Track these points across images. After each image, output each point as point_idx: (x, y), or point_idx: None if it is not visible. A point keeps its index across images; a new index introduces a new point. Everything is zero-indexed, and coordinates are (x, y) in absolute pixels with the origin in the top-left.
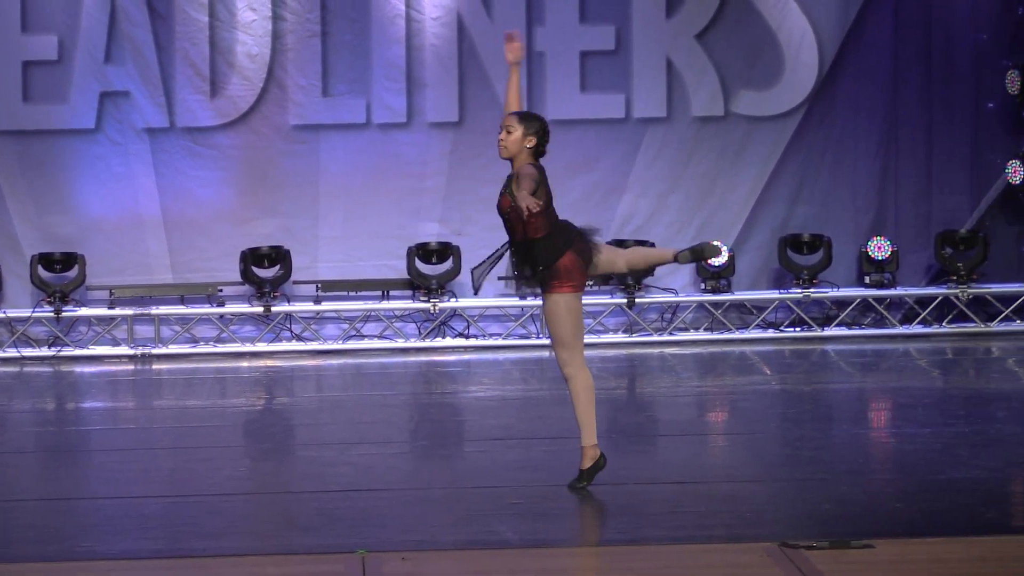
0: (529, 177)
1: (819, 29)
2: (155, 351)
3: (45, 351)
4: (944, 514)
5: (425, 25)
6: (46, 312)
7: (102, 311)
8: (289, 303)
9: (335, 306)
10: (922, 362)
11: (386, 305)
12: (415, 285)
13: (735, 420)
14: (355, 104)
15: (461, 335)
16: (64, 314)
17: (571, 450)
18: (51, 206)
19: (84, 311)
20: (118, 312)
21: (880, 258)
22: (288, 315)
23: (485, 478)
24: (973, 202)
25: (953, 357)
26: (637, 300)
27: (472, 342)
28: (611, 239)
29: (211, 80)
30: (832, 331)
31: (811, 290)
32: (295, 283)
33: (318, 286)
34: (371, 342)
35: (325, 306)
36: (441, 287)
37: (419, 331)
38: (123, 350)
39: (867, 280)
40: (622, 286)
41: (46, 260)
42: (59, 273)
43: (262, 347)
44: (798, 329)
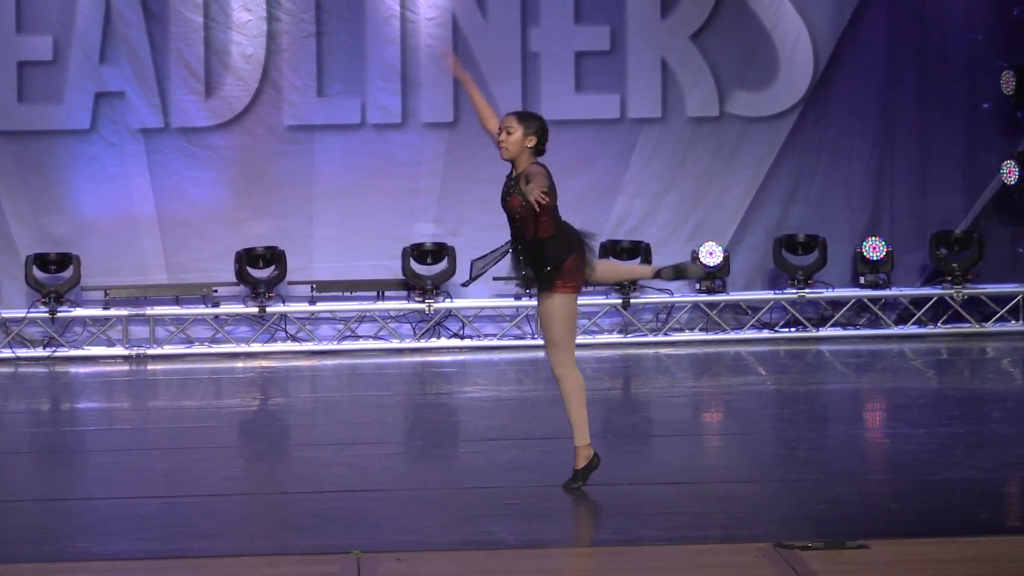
0: (540, 175)
1: (814, 29)
2: (150, 352)
3: (40, 352)
4: (939, 514)
5: (420, 25)
6: (41, 313)
7: (97, 312)
8: (284, 304)
9: (330, 307)
10: (917, 363)
11: (381, 306)
12: (410, 286)
13: (730, 420)
14: (350, 104)
15: (456, 335)
16: (59, 315)
17: (566, 450)
18: (46, 206)
19: (79, 312)
20: (113, 313)
21: (875, 258)
22: (283, 316)
23: (480, 479)
24: (968, 202)
25: (948, 358)
26: (632, 300)
27: (467, 343)
28: (606, 240)
29: (206, 80)
30: (827, 331)
31: (806, 290)
32: (290, 283)
33: (313, 287)
34: (366, 343)
35: (320, 307)
36: (436, 288)
37: (414, 332)
38: (118, 351)
39: (862, 280)
40: (617, 287)
41: (41, 260)
42: (54, 274)
43: (257, 348)
44: (793, 329)
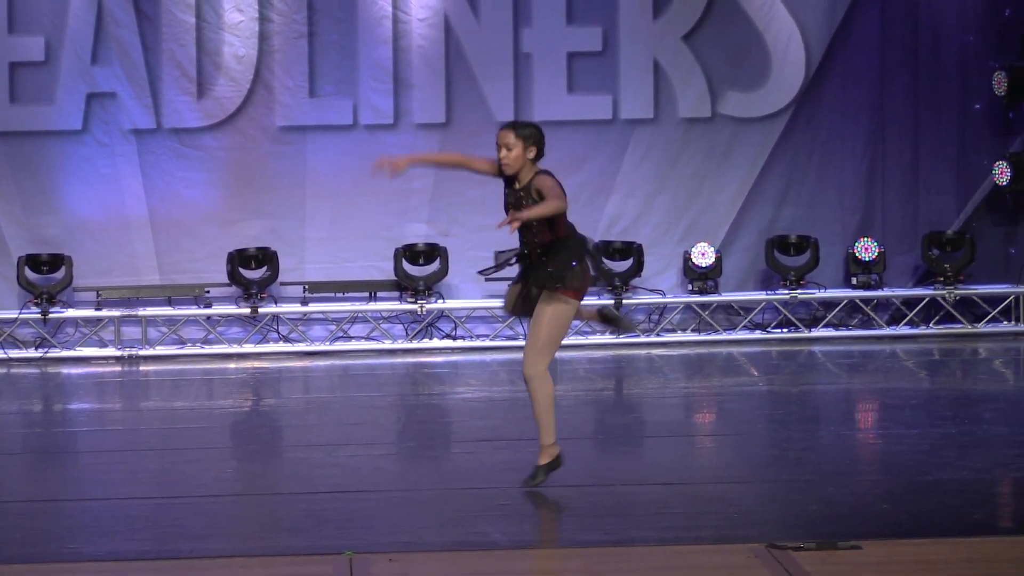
0: (552, 188)
1: (806, 30)
2: (142, 352)
3: (32, 353)
4: (931, 515)
5: (412, 26)
6: (33, 314)
7: (89, 312)
8: (276, 304)
9: (322, 307)
10: (909, 363)
11: (373, 306)
12: (402, 286)
13: (722, 421)
14: (342, 105)
15: (448, 336)
16: (51, 316)
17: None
18: (38, 207)
19: (71, 312)
20: (105, 313)
21: (867, 259)
22: (275, 316)
23: (472, 479)
24: (960, 203)
25: (940, 358)
26: (624, 301)
27: (459, 343)
28: (598, 240)
29: (198, 81)
30: (819, 332)
31: (798, 291)
32: (282, 284)
33: (305, 287)
34: (358, 343)
35: (312, 307)
36: (428, 288)
37: (406, 332)
38: (110, 352)
39: (854, 281)
40: (609, 287)
41: (33, 261)
42: (46, 274)
43: (249, 348)
44: (785, 330)
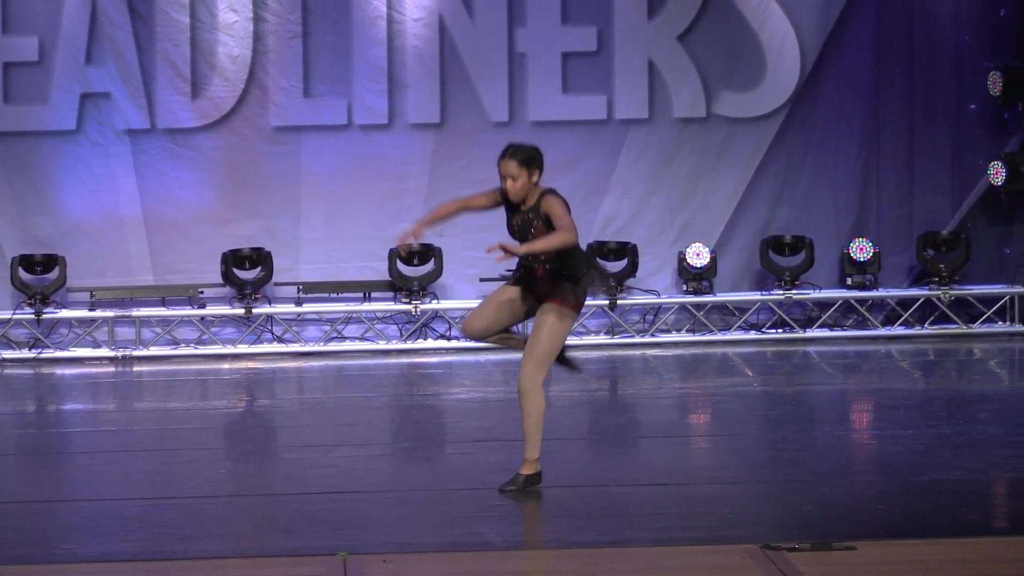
0: (563, 218)
1: (801, 30)
2: (136, 353)
3: (26, 353)
4: (926, 515)
5: (406, 26)
6: (27, 314)
7: (83, 313)
8: (270, 305)
9: (316, 308)
10: (904, 364)
11: (368, 307)
12: (397, 287)
13: (717, 422)
14: (336, 105)
15: (443, 337)
16: (45, 316)
17: (552, 451)
18: (32, 207)
19: (65, 313)
20: (99, 314)
21: (862, 259)
22: (269, 317)
23: (467, 480)
24: (955, 203)
25: (935, 359)
26: (619, 302)
27: (454, 344)
28: (593, 241)
29: (192, 81)
30: (814, 332)
31: (793, 292)
32: (276, 285)
33: (299, 288)
34: (353, 344)
35: (306, 308)
36: (423, 289)
37: (401, 333)
38: (104, 352)
39: (849, 282)
40: (604, 288)
41: (27, 262)
42: (40, 275)
43: (243, 349)
44: (780, 331)
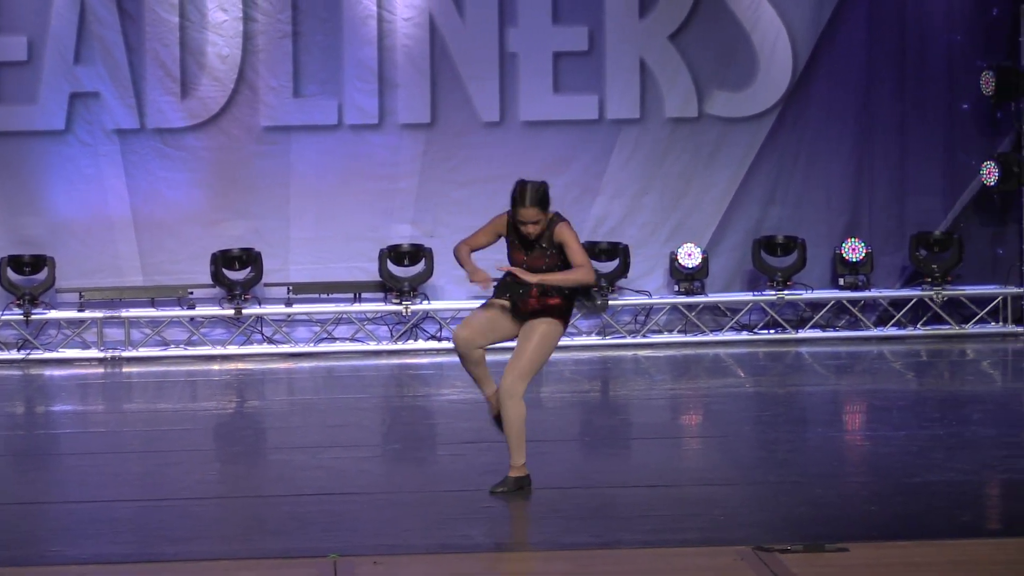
0: (580, 254)
1: (793, 30)
2: (125, 354)
3: (14, 354)
4: (919, 517)
5: (397, 25)
6: (15, 315)
7: (72, 314)
8: (260, 305)
9: (306, 308)
10: (896, 364)
11: (358, 307)
12: (387, 287)
13: (709, 423)
14: (326, 105)
15: (433, 337)
16: (33, 317)
17: (542, 453)
18: (20, 208)
19: (53, 314)
20: (88, 315)
21: (854, 260)
22: (259, 318)
23: (457, 482)
24: (947, 203)
25: (928, 359)
26: (610, 302)
27: (444, 344)
28: (585, 241)
29: (181, 81)
30: (806, 333)
31: (785, 292)
32: (266, 285)
33: (289, 288)
34: (343, 345)
35: (296, 308)
36: (413, 289)
37: (391, 334)
38: (93, 353)
39: (841, 282)
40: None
41: (15, 262)
42: (28, 275)
43: (233, 350)
44: (772, 331)
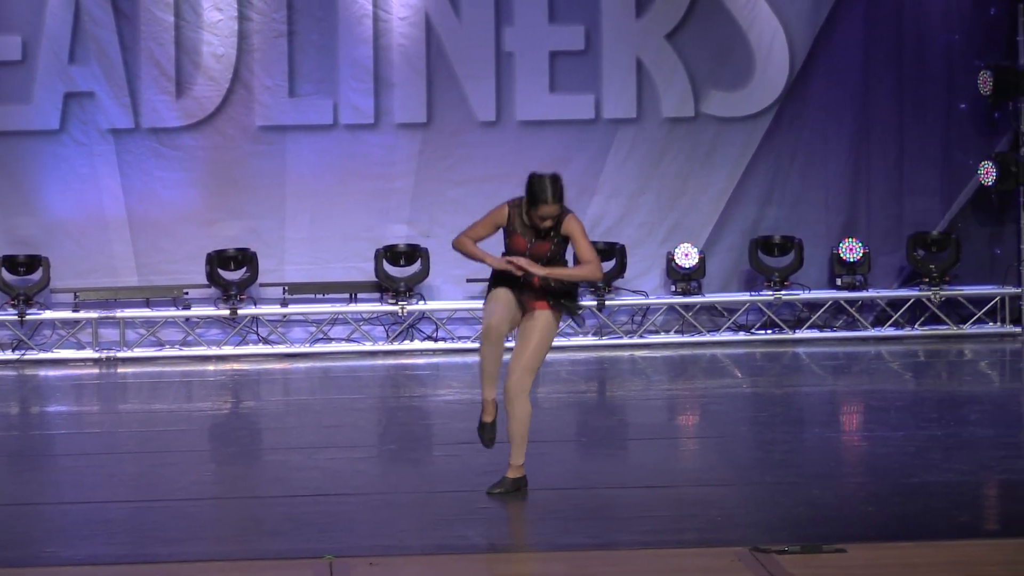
0: (589, 251)
1: (790, 29)
2: (120, 354)
3: (9, 355)
4: (916, 518)
5: (392, 25)
6: (10, 315)
7: (66, 314)
8: (256, 306)
9: (302, 309)
10: (894, 365)
11: (354, 308)
12: (383, 287)
13: (706, 423)
14: (322, 105)
15: (429, 338)
16: (28, 317)
17: (540, 454)
18: (15, 208)
19: (48, 314)
20: (83, 315)
21: (852, 260)
22: (255, 318)
23: (453, 482)
24: (945, 204)
25: (925, 360)
26: (607, 302)
27: (440, 345)
28: None
29: (176, 81)
30: (803, 333)
31: (782, 292)
32: (262, 285)
33: (285, 288)
34: (338, 345)
35: (292, 309)
36: (409, 290)
37: (387, 334)
38: (88, 353)
39: (839, 282)
40: (592, 288)
41: (10, 262)
42: (23, 276)
43: (228, 350)
44: (769, 331)
